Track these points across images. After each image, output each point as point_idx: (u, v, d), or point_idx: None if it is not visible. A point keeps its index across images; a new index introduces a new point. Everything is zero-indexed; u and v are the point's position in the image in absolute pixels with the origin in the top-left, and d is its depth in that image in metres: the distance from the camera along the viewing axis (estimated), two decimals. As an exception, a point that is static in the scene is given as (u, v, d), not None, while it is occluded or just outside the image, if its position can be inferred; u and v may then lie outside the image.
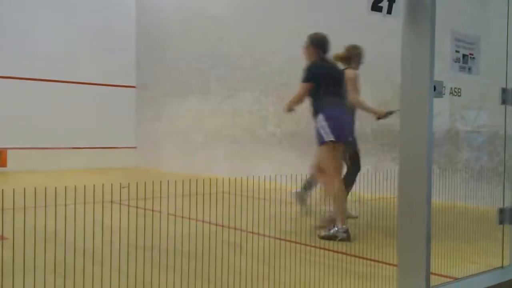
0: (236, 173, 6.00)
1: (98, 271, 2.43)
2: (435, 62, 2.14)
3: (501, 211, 2.95)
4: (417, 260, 2.16)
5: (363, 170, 5.07)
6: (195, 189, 2.81)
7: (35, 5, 10.11)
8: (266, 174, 3.21)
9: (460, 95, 2.57)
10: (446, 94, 2.29)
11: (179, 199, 4.66)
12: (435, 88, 2.16)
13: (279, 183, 4.01)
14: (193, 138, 10.14)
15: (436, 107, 2.16)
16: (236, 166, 8.92)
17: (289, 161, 8.07)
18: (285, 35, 8.38)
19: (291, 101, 4.52)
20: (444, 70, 2.44)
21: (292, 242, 3.83)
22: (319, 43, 4.50)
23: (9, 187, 2.18)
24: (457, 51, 2.43)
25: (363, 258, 3.35)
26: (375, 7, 2.12)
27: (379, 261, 3.26)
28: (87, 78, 10.65)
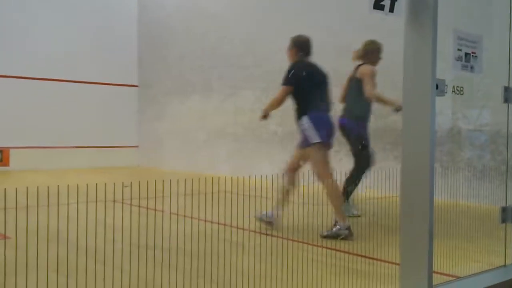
0: (238, 172, 5.99)
1: (101, 270, 2.43)
2: (437, 61, 2.14)
3: (504, 209, 2.95)
4: (419, 259, 2.16)
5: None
6: (197, 188, 2.80)
7: (36, 4, 10.12)
8: (267, 173, 3.20)
9: (462, 94, 2.57)
10: (448, 92, 2.28)
11: (181, 198, 4.66)
12: (437, 87, 2.16)
13: (280, 182, 4.01)
14: (195, 136, 10.14)
15: (438, 105, 2.16)
16: (238, 164, 8.92)
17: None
18: (286, 33, 8.35)
19: (269, 104, 4.49)
20: (447, 70, 2.44)
21: (294, 241, 3.83)
22: (301, 45, 4.52)
23: (12, 186, 2.18)
24: (459, 49, 2.43)
25: (365, 257, 3.35)
26: (377, 5, 2.12)
27: (381, 260, 3.26)
28: (89, 77, 10.66)
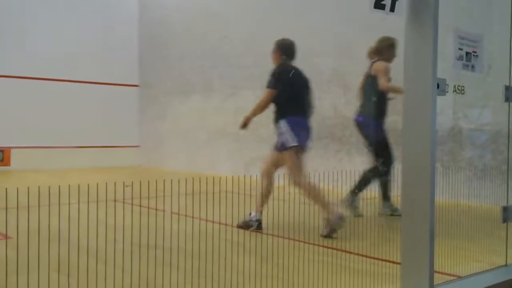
0: (238, 171, 5.99)
1: (102, 270, 2.44)
2: (438, 61, 2.14)
3: (505, 209, 2.95)
4: (420, 258, 2.16)
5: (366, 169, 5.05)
6: (198, 188, 2.81)
7: (37, 4, 10.13)
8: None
9: (463, 93, 2.56)
10: (449, 92, 2.28)
11: (182, 197, 4.66)
12: (438, 86, 2.15)
13: (281, 182, 4.01)
14: (196, 136, 10.14)
15: (439, 105, 2.16)
16: (239, 164, 8.91)
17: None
18: (287, 33, 8.35)
19: (253, 110, 4.47)
20: (447, 69, 2.43)
21: (295, 240, 3.83)
22: (285, 48, 4.59)
23: (13, 186, 2.18)
24: (460, 48, 2.43)
25: (366, 257, 3.34)
26: (378, 4, 2.11)
27: (382, 259, 3.25)
28: (89, 77, 10.66)
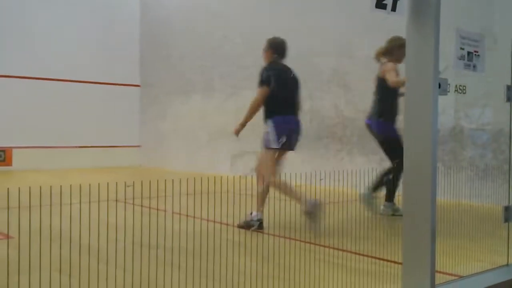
0: (239, 171, 5.98)
1: (103, 269, 2.44)
2: (439, 60, 2.14)
3: (506, 209, 2.94)
4: (422, 258, 2.16)
5: (367, 168, 5.05)
6: (199, 188, 2.81)
7: (38, 4, 10.14)
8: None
9: (465, 93, 2.56)
10: (450, 91, 2.28)
11: (183, 197, 4.66)
12: (439, 86, 2.15)
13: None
14: (197, 136, 10.14)
15: (441, 104, 2.16)
16: (240, 164, 8.91)
17: (291, 159, 8.05)
18: (288, 32, 8.35)
19: (247, 114, 4.46)
20: (448, 69, 2.43)
21: (296, 240, 3.83)
22: (276, 47, 4.61)
23: (14, 186, 2.19)
24: (461, 48, 2.42)
25: (368, 256, 3.34)
26: (380, 4, 2.11)
27: (384, 259, 3.25)
28: (91, 77, 10.67)
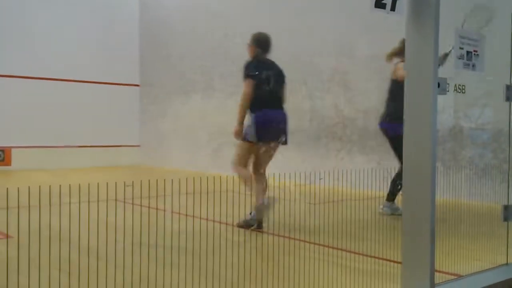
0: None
1: (103, 269, 2.44)
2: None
3: (506, 208, 2.95)
4: (421, 258, 2.16)
5: (367, 168, 5.04)
6: (199, 187, 2.81)
7: (37, 4, 10.13)
8: (270, 172, 3.21)
9: (464, 92, 2.56)
10: (450, 91, 2.28)
11: (183, 197, 4.66)
12: (439, 85, 2.15)
13: (283, 181, 4.01)
14: (197, 135, 10.14)
15: (440, 104, 2.16)
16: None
17: (292, 158, 8.06)
18: (289, 31, 8.36)
19: (240, 110, 4.35)
20: (448, 68, 2.43)
21: (296, 239, 3.83)
22: (258, 42, 4.68)
23: (14, 185, 2.19)
24: (461, 48, 2.43)
25: (367, 256, 3.34)
26: (379, 4, 2.11)
27: (383, 259, 3.26)
28: (90, 76, 10.67)
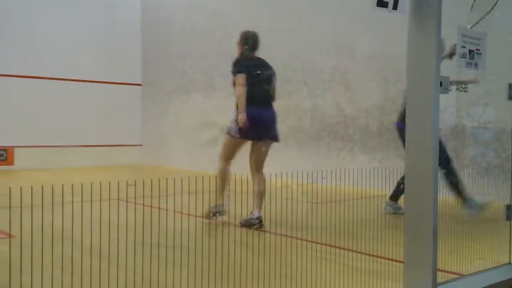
0: (241, 170, 5.98)
1: (105, 268, 2.44)
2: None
3: (508, 207, 2.94)
4: (423, 257, 2.16)
5: (369, 167, 5.04)
6: (200, 186, 2.81)
7: (38, 3, 10.13)
8: (271, 171, 3.21)
9: (466, 91, 2.56)
10: (452, 90, 2.28)
11: (185, 196, 4.67)
12: (441, 84, 2.15)
13: (284, 180, 4.00)
14: (199, 135, 10.14)
15: (442, 103, 2.15)
16: (241, 163, 8.91)
17: (294, 157, 8.06)
18: (290, 31, 8.36)
19: (240, 105, 4.43)
20: (450, 67, 2.43)
21: (298, 239, 3.83)
22: (246, 40, 4.70)
23: (16, 185, 2.19)
24: (463, 46, 2.42)
25: (369, 255, 3.34)
26: (381, 2, 2.11)
27: (385, 258, 3.25)
28: (92, 76, 10.67)
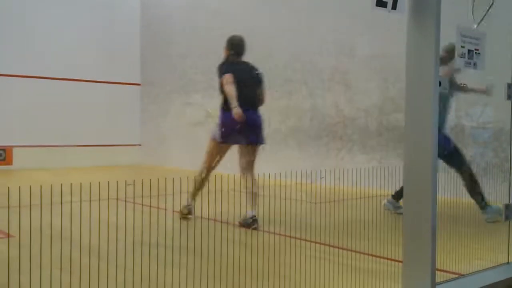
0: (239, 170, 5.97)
1: (104, 268, 2.44)
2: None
3: (507, 207, 2.94)
4: (422, 256, 2.16)
5: (368, 167, 5.05)
6: (200, 186, 2.81)
7: (38, 3, 10.12)
8: (270, 171, 3.20)
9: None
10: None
11: (184, 196, 4.67)
12: (440, 84, 2.15)
13: (284, 180, 4.00)
14: (198, 135, 10.13)
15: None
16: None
17: (293, 157, 8.06)
18: (289, 30, 8.36)
19: (232, 101, 4.42)
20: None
21: (298, 238, 3.83)
22: (231, 45, 4.89)
23: (15, 185, 2.19)
24: (462, 46, 2.42)
25: (368, 254, 3.34)
26: (380, 2, 2.11)
27: (384, 257, 3.25)
28: (91, 76, 10.67)
